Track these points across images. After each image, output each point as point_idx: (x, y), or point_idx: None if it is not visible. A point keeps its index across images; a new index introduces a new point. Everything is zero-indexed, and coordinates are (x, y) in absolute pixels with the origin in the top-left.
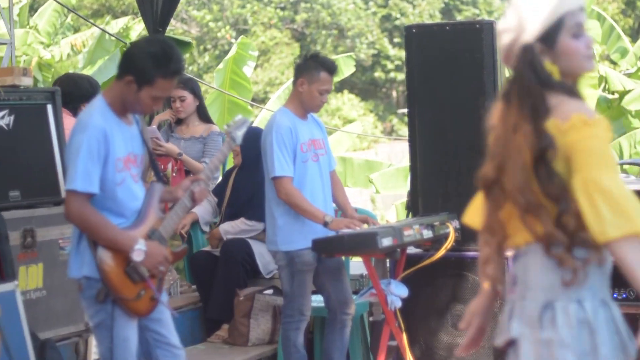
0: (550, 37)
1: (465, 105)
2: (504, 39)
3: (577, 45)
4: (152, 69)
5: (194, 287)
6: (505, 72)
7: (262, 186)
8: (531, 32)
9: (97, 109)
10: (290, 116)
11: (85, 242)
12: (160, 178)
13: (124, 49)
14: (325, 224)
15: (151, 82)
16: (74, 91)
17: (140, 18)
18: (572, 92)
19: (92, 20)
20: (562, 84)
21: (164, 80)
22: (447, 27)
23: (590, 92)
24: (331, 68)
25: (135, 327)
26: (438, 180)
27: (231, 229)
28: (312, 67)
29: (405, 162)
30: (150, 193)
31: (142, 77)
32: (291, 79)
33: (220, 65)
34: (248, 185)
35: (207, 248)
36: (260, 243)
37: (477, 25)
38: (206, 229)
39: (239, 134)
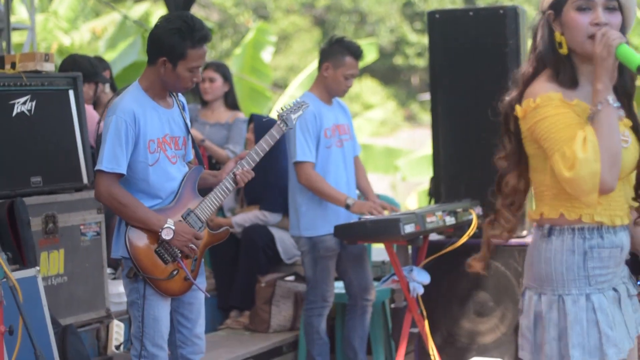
0: (557, 5)
1: (488, 91)
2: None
3: (579, 19)
4: (181, 43)
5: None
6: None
7: (278, 176)
8: None
9: (129, 93)
10: (314, 101)
11: (124, 224)
12: (201, 161)
13: (146, 35)
14: (347, 207)
15: (184, 56)
16: (73, 70)
17: (161, 2)
18: (561, 67)
19: (113, 5)
20: (555, 58)
21: (194, 50)
22: (470, 13)
23: None
24: (357, 52)
25: (168, 308)
26: (461, 167)
27: (244, 222)
28: (337, 51)
29: (427, 149)
30: (189, 176)
31: (174, 54)
32: (312, 65)
33: (238, 50)
34: (262, 174)
35: (232, 230)
36: (281, 230)
37: (501, 11)
38: (229, 214)
39: (294, 117)
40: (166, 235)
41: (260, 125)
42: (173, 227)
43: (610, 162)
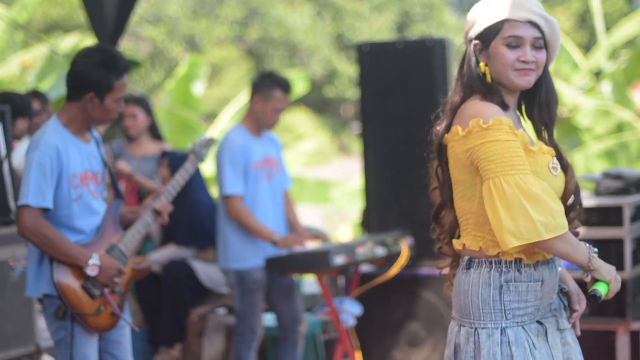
0: (486, 37)
1: (418, 121)
2: (465, 29)
3: (508, 55)
4: (107, 76)
5: None
6: None
7: (189, 210)
8: (477, 28)
9: (50, 128)
10: (243, 134)
11: (47, 261)
12: (120, 196)
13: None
14: (274, 243)
15: (111, 88)
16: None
17: (91, 34)
18: (490, 95)
19: (42, 36)
20: (484, 85)
21: (118, 80)
22: (399, 45)
23: None
24: (285, 86)
25: (96, 346)
26: (391, 198)
27: (160, 258)
28: (267, 85)
29: (357, 179)
30: (110, 210)
31: (101, 88)
32: (243, 97)
33: (171, 84)
34: (175, 208)
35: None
36: (199, 261)
37: (428, 43)
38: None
39: (204, 152)
40: (91, 271)
41: (174, 160)
42: (99, 263)
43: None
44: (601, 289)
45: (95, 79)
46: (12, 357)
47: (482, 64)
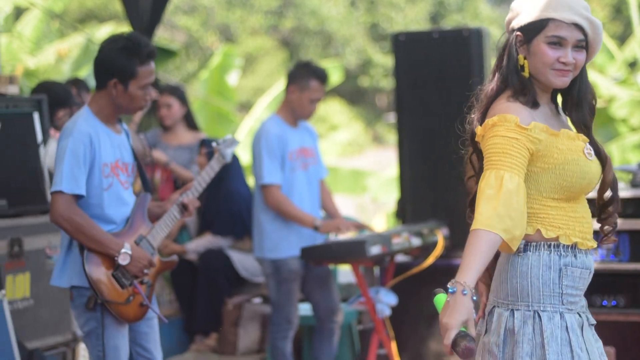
0: (529, 32)
1: (453, 111)
2: (507, 16)
3: (549, 54)
4: (130, 62)
5: None
6: None
7: (227, 200)
8: (520, 20)
9: (82, 117)
10: (280, 124)
11: (75, 251)
12: (149, 188)
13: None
14: (316, 228)
15: (134, 74)
16: (47, 97)
17: (126, 23)
18: (522, 90)
19: (78, 26)
20: (518, 79)
21: (143, 67)
22: (435, 35)
23: None
24: (322, 76)
25: (126, 337)
26: (426, 188)
27: (197, 247)
28: (303, 75)
29: (394, 170)
30: (139, 202)
31: (124, 75)
32: (277, 87)
33: (205, 74)
34: (211, 200)
35: (188, 257)
36: (236, 251)
37: (465, 33)
38: (194, 235)
39: (229, 152)
40: (123, 260)
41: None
42: (130, 252)
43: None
44: (439, 299)
45: (117, 65)
46: (49, 345)
47: (521, 57)
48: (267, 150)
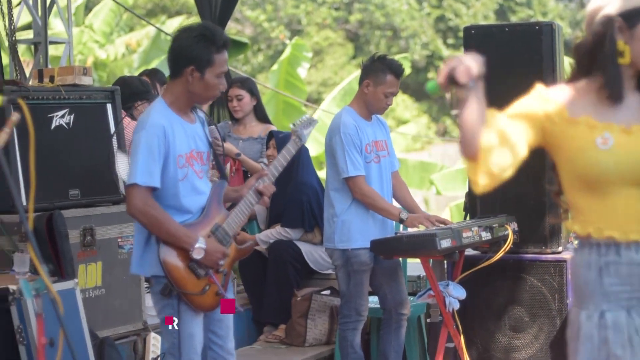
0: (633, 17)
1: None
2: (590, 5)
3: None
4: (206, 49)
5: None
6: (565, 74)
7: (296, 191)
8: (616, 5)
9: (155, 108)
10: (354, 116)
11: (154, 241)
12: (225, 176)
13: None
14: (401, 221)
15: (211, 62)
16: (125, 90)
17: (194, 17)
18: (608, 85)
19: (147, 20)
20: (612, 66)
21: (218, 55)
22: (506, 28)
23: None
24: (398, 71)
25: (201, 325)
26: None
27: (267, 238)
28: (378, 69)
29: (460, 163)
30: (215, 190)
31: (201, 62)
32: (345, 80)
33: (275, 66)
34: (281, 191)
35: (257, 248)
36: (306, 243)
37: (537, 27)
38: (263, 226)
39: (306, 132)
40: (197, 254)
41: (282, 141)
42: (204, 246)
43: None
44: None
45: (195, 52)
46: (121, 333)
47: (620, 42)
48: (347, 142)
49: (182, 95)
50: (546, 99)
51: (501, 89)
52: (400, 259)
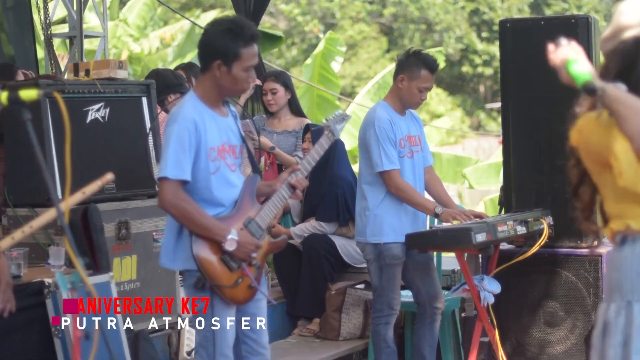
0: None
1: (559, 100)
2: (619, 17)
3: None
4: (233, 43)
5: None
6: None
7: (331, 185)
8: None
9: (187, 102)
10: (389, 110)
11: (187, 235)
12: (257, 169)
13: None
14: (436, 215)
15: (238, 56)
16: (158, 82)
17: (229, 11)
18: None
19: (181, 13)
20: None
21: (246, 48)
22: (542, 22)
23: None
24: (433, 66)
25: (234, 318)
26: (531, 176)
27: (302, 232)
28: (413, 63)
29: (494, 157)
30: (247, 184)
31: (228, 56)
32: (379, 74)
33: (309, 60)
34: (315, 185)
35: (292, 242)
36: (340, 237)
37: (573, 20)
38: (297, 220)
39: (339, 127)
40: (229, 246)
41: (317, 134)
42: (237, 238)
43: None
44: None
45: (222, 46)
46: (155, 327)
47: None
48: (382, 136)
49: (211, 89)
50: None
51: (537, 83)
52: (435, 253)
